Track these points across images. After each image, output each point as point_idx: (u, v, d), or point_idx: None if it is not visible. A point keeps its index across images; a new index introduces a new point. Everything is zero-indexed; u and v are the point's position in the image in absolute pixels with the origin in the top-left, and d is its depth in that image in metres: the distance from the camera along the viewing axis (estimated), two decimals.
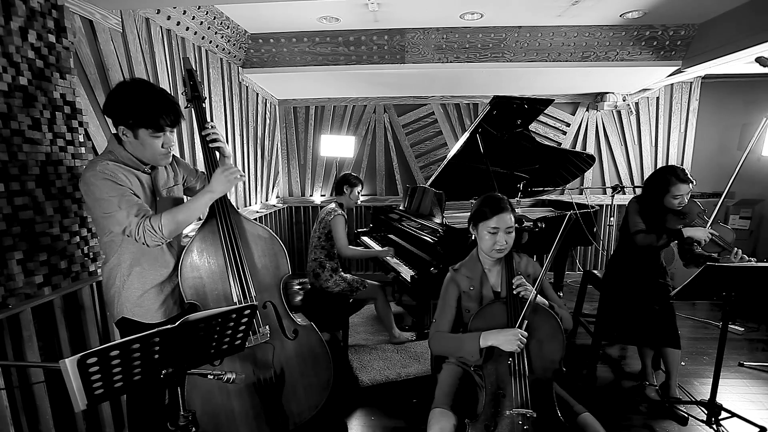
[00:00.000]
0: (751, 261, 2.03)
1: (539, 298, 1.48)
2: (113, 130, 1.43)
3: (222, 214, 1.63)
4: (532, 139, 3.03)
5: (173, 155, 1.68)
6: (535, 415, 1.33)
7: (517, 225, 1.55)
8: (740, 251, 2.09)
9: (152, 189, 1.53)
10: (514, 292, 1.46)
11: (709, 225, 2.11)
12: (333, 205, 2.95)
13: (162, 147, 1.43)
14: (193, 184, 1.76)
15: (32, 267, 1.50)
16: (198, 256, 1.62)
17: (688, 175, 2.12)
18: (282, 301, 1.78)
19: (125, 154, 1.42)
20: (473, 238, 1.64)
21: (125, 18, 2.04)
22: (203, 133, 1.61)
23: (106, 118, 1.70)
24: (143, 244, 1.39)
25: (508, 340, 1.37)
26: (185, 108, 1.93)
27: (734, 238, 2.15)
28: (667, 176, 2.14)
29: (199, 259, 1.62)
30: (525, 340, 1.37)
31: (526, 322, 1.39)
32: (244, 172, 3.58)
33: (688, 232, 2.10)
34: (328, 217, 2.85)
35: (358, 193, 3.03)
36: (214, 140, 1.60)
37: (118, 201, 1.34)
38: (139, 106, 1.35)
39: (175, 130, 1.48)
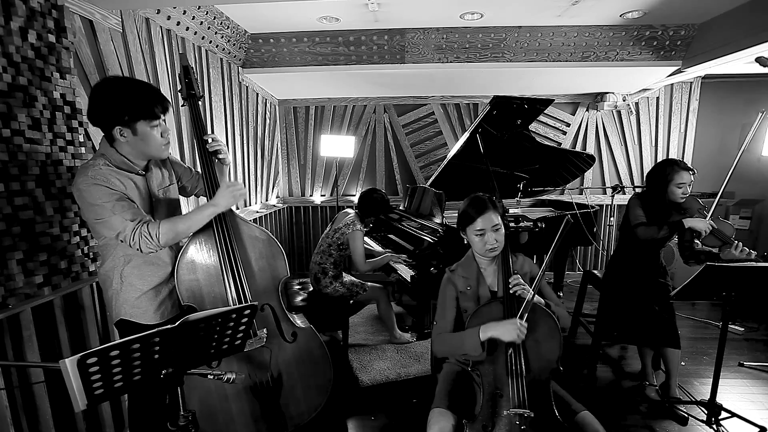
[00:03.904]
0: (752, 253, 2.03)
1: (536, 297, 1.47)
2: (101, 135, 1.41)
3: (217, 215, 1.59)
4: (532, 139, 3.03)
5: None
6: (532, 415, 1.33)
7: (514, 225, 1.55)
8: (741, 244, 2.08)
9: (148, 191, 1.50)
10: (511, 291, 1.46)
11: (708, 219, 2.12)
12: (353, 215, 2.81)
13: (161, 136, 1.43)
14: (186, 183, 1.73)
15: (32, 267, 1.50)
16: (194, 258, 1.60)
17: (688, 165, 2.15)
18: (280, 304, 1.76)
19: (118, 157, 1.39)
20: (465, 241, 1.65)
21: (125, 18, 2.04)
22: (206, 147, 1.59)
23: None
24: (137, 249, 1.36)
25: (507, 329, 1.36)
26: (181, 106, 1.94)
27: (734, 233, 2.15)
28: (668, 167, 2.17)
29: (194, 261, 1.60)
30: (525, 330, 1.35)
31: (526, 315, 1.39)
32: (244, 172, 3.59)
33: (689, 222, 2.11)
34: (346, 229, 2.71)
35: None
36: (217, 151, 1.60)
37: (111, 206, 1.32)
38: (132, 99, 1.33)
39: (165, 118, 1.47)
